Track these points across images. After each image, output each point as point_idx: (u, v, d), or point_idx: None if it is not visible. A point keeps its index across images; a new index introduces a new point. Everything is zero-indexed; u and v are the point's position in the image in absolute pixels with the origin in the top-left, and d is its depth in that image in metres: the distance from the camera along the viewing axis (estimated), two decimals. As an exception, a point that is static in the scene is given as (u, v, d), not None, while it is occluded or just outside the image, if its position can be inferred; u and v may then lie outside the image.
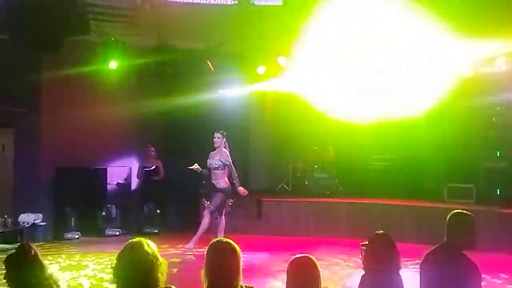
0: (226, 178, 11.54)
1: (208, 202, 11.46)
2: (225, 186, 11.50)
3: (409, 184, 14.77)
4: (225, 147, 11.48)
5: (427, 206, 13.00)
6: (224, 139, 11.48)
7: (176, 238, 12.86)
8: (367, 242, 5.39)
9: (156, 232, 13.55)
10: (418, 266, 5.09)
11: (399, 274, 4.97)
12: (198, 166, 11.48)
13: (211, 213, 11.41)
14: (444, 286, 4.73)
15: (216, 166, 11.36)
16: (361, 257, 5.32)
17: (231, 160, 11.48)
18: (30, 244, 4.66)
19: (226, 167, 11.44)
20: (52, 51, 10.14)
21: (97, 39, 12.25)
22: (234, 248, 4.12)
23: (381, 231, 5.24)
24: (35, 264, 4.56)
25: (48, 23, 9.47)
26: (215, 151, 11.50)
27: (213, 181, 11.50)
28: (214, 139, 11.43)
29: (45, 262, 4.66)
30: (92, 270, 9.94)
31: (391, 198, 13.77)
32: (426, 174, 14.30)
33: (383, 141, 14.92)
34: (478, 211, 10.03)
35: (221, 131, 11.51)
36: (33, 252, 4.58)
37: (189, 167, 11.56)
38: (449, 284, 4.71)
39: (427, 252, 5.12)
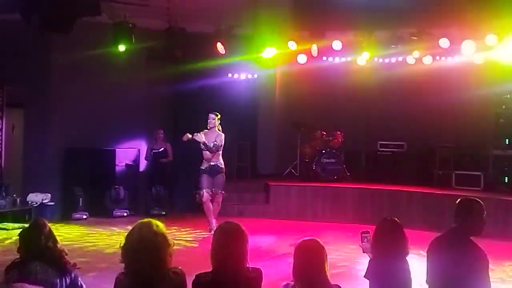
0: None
1: (209, 190, 11.60)
2: (223, 166, 11.76)
3: (417, 170, 14.78)
4: (218, 129, 11.64)
5: (435, 193, 12.98)
6: (219, 121, 11.61)
7: (184, 220, 12.94)
8: (367, 231, 5.43)
9: (163, 214, 13.59)
10: (425, 252, 5.10)
11: (406, 259, 4.99)
12: (189, 135, 11.52)
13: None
14: (451, 272, 4.74)
15: (210, 146, 11.50)
16: (361, 244, 5.34)
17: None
18: (44, 220, 4.92)
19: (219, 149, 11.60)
20: (62, 32, 10.13)
21: (108, 21, 12.23)
22: (242, 230, 4.15)
23: (390, 217, 5.26)
24: (50, 237, 4.75)
25: (59, 4, 9.45)
26: (208, 130, 11.62)
27: (212, 162, 11.64)
28: (209, 120, 11.56)
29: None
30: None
31: (399, 184, 13.77)
32: (434, 160, 14.26)
33: (392, 127, 14.89)
34: (486, 198, 9.99)
35: (215, 113, 11.63)
36: (47, 228, 4.80)
37: (183, 139, 11.64)
38: (457, 270, 4.72)
39: (435, 237, 5.13)
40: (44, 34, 11.40)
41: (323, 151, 14.74)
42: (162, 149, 14.26)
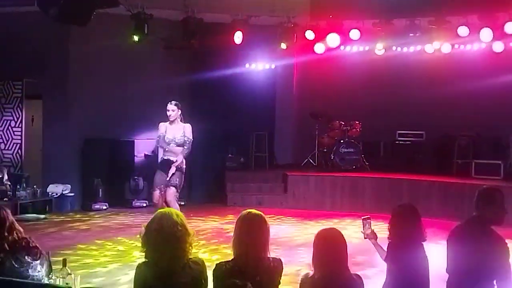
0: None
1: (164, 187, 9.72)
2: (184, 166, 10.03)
3: (436, 160, 14.71)
4: (181, 120, 9.96)
5: (454, 182, 12.92)
6: (180, 111, 9.91)
7: (202, 210, 12.99)
8: (368, 216, 5.43)
9: (182, 204, 13.61)
10: (445, 241, 5.07)
11: (422, 246, 4.96)
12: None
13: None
14: (471, 260, 4.72)
15: (181, 142, 9.87)
16: (362, 230, 5.35)
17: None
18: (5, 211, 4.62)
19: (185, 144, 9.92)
20: (80, 24, 10.18)
21: (125, 12, 12.26)
22: (264, 219, 4.15)
23: (406, 204, 5.25)
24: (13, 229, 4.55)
25: (76, -5, 9.51)
26: (171, 124, 9.87)
27: (171, 157, 9.84)
28: (168, 111, 9.79)
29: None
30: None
31: (418, 173, 13.70)
32: (453, 150, 14.17)
33: (410, 116, 14.82)
34: (506, 187, 9.95)
35: (175, 102, 9.89)
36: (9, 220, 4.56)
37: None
38: (477, 258, 4.69)
39: (455, 226, 5.10)
40: (62, 26, 11.48)
41: (341, 141, 14.71)
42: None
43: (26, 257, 4.36)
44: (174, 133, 9.84)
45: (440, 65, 13.88)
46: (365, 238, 5.35)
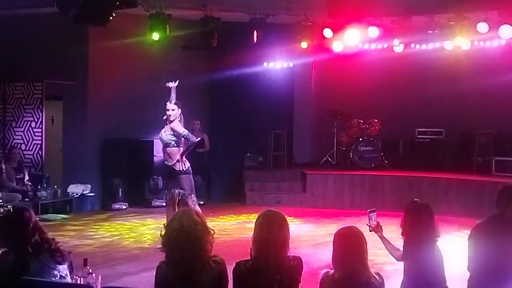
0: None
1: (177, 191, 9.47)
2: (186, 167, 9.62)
3: (456, 157, 14.60)
4: (180, 120, 9.52)
5: (474, 180, 12.81)
6: (180, 110, 9.51)
7: (221, 210, 13.01)
8: (374, 209, 5.45)
9: (201, 204, 13.64)
10: (466, 239, 5.04)
11: (436, 244, 4.91)
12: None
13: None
14: (494, 258, 4.68)
15: (168, 141, 9.46)
16: (368, 223, 5.33)
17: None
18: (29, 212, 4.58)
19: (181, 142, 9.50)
20: (99, 24, 10.25)
21: (144, 12, 12.31)
22: (284, 218, 4.14)
23: (419, 199, 5.21)
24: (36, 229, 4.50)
25: (95, -4, 9.57)
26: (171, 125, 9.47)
27: (168, 163, 9.55)
28: (168, 111, 9.42)
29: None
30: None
31: (437, 171, 13.62)
32: (473, 147, 14.06)
33: (430, 114, 14.73)
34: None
35: (174, 101, 9.48)
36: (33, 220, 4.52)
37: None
38: (499, 256, 4.66)
39: (477, 224, 5.07)
40: (81, 26, 11.56)
41: (360, 139, 14.65)
42: (199, 139, 14.29)
43: (49, 260, 4.35)
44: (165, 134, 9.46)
45: (460, 62, 13.78)
46: (370, 231, 5.31)
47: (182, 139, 9.46)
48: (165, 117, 9.50)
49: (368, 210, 5.45)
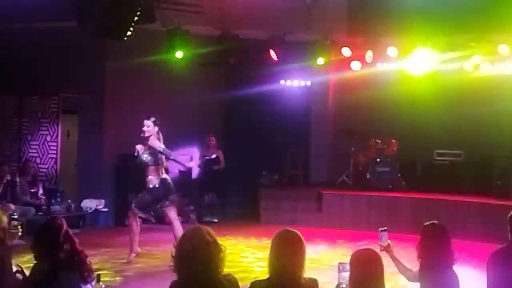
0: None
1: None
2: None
3: (475, 180, 14.37)
4: (158, 138, 9.67)
5: (494, 204, 12.59)
6: (156, 128, 9.67)
7: (236, 228, 12.88)
8: (385, 228, 5.39)
9: (215, 221, 13.57)
10: (484, 265, 4.90)
11: (452, 269, 4.79)
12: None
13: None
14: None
15: (146, 161, 9.71)
16: (379, 243, 5.24)
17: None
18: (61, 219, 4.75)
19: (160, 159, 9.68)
20: (117, 39, 10.24)
21: (161, 28, 12.32)
22: (301, 239, 4.05)
23: (435, 222, 5.09)
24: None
25: (113, 11, 9.56)
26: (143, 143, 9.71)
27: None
28: (143, 127, 9.62)
29: None
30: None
31: (456, 194, 13.41)
32: (492, 170, 13.85)
33: (449, 135, 14.57)
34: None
35: (152, 119, 9.67)
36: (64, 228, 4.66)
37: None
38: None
39: (496, 250, 4.94)
40: (99, 41, 11.57)
41: (378, 160, 14.51)
42: (214, 156, 14.24)
43: (78, 276, 4.48)
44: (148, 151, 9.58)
45: (480, 83, 13.62)
46: (381, 250, 5.19)
47: (159, 155, 9.54)
48: (142, 134, 9.62)
49: (379, 229, 5.35)
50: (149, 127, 9.57)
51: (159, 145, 9.54)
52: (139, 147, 9.68)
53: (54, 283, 4.35)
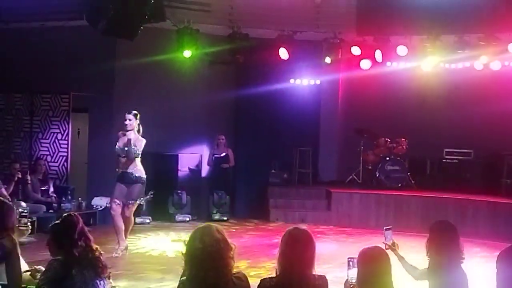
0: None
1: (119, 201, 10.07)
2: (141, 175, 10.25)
3: (484, 179, 14.36)
4: (138, 131, 10.11)
5: (503, 203, 12.58)
6: (138, 121, 10.08)
7: (245, 226, 12.92)
8: (390, 226, 5.40)
9: (225, 220, 13.61)
10: (494, 263, 4.90)
11: (461, 266, 4.81)
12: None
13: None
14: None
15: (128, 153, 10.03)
16: (384, 241, 5.26)
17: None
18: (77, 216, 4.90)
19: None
20: (128, 37, 10.31)
21: (171, 27, 12.36)
22: (311, 237, 4.08)
23: (444, 220, 5.11)
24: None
25: (124, 9, 9.64)
26: (123, 133, 10.11)
27: (127, 170, 10.14)
28: (125, 121, 10.00)
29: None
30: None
31: (465, 193, 13.39)
32: (502, 169, 13.83)
33: (458, 134, 14.55)
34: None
35: (133, 112, 10.06)
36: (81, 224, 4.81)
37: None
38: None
39: (505, 249, 4.93)
40: (109, 40, 11.63)
41: (387, 158, 14.50)
42: (224, 154, 14.27)
43: (93, 273, 4.51)
44: (124, 142, 9.99)
45: (489, 82, 13.62)
46: (386, 249, 5.21)
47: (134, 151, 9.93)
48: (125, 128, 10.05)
49: (384, 228, 5.37)
50: (131, 120, 10.00)
51: (130, 144, 9.94)
52: (120, 134, 10.17)
53: (69, 279, 4.40)
